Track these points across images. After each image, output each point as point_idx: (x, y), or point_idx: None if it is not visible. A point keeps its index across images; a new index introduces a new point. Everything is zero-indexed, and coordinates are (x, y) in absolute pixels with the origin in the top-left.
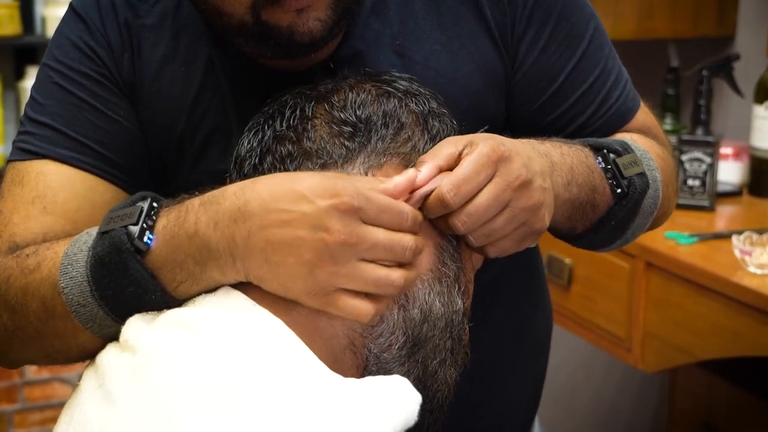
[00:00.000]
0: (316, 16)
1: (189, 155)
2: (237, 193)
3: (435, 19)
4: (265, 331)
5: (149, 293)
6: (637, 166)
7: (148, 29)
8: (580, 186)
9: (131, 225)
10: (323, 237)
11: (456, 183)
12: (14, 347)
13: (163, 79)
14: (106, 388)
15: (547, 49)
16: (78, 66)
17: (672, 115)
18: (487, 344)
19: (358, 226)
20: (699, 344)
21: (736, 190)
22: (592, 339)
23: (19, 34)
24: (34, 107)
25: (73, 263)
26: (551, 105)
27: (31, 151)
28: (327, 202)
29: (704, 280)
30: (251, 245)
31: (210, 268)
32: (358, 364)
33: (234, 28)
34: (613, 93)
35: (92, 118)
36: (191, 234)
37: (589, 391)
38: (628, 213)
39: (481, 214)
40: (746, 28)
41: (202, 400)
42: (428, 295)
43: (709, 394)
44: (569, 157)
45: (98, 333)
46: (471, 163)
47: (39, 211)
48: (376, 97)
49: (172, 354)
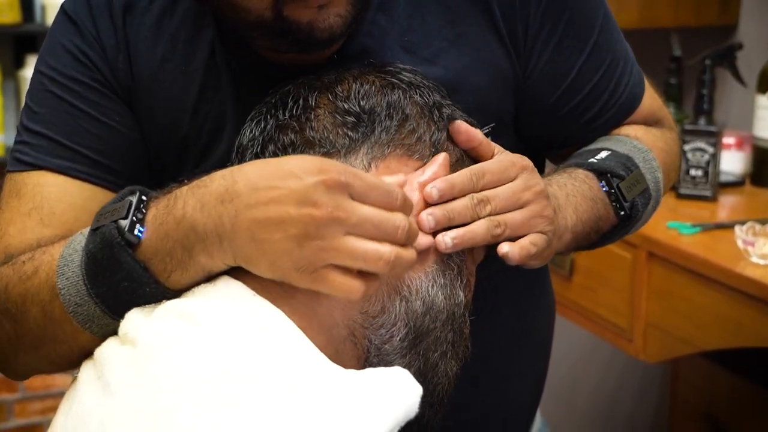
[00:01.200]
0: (337, 12)
1: (193, 155)
2: (225, 176)
3: (443, 15)
4: (264, 321)
5: (143, 286)
6: (640, 183)
7: (146, 28)
8: (584, 222)
9: (121, 219)
10: (310, 212)
11: (481, 168)
12: (19, 357)
13: (163, 80)
14: (105, 380)
15: (560, 45)
16: (70, 72)
17: (674, 104)
18: (490, 340)
19: (346, 200)
20: (701, 335)
21: (738, 180)
22: (593, 329)
23: (19, 23)
24: (29, 115)
25: (68, 264)
26: (565, 99)
27: (27, 162)
28: (315, 178)
29: (706, 270)
30: (238, 224)
31: (197, 252)
32: (359, 355)
33: (251, 24)
34: (623, 80)
35: (87, 126)
36: (179, 218)
37: (590, 382)
38: (630, 227)
39: (500, 202)
40: (749, 17)
41: (201, 393)
42: (431, 287)
43: (711, 385)
44: (574, 198)
45: (97, 333)
46: (496, 160)
47: (36, 223)
48: (380, 88)
49: (171, 346)
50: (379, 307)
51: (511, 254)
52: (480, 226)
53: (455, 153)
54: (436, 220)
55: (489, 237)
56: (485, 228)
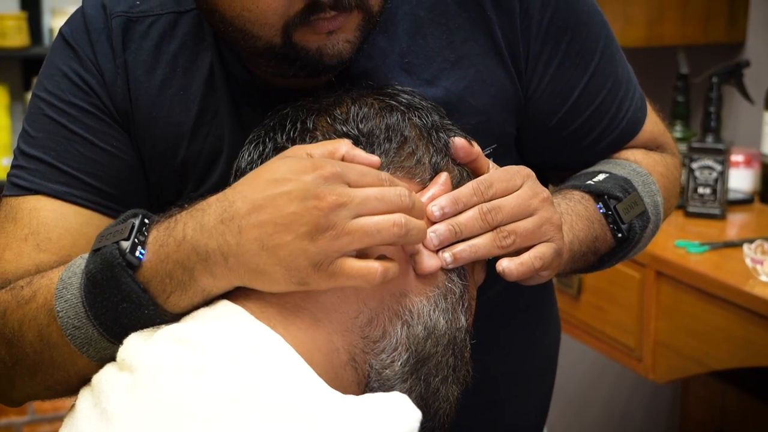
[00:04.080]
0: (345, 38)
1: (192, 179)
2: (219, 198)
3: (444, 36)
4: (263, 347)
5: (142, 308)
6: (638, 206)
7: (145, 53)
8: (581, 241)
9: (123, 240)
10: (316, 204)
11: (488, 178)
12: (15, 383)
13: (161, 105)
14: (102, 407)
15: (561, 67)
16: (68, 97)
17: (682, 122)
18: (495, 362)
19: (346, 188)
20: (710, 354)
21: (747, 197)
22: (602, 349)
23: (27, 46)
24: (26, 140)
25: (67, 286)
26: (565, 121)
27: (24, 186)
28: (311, 175)
29: (715, 289)
30: (244, 239)
31: (198, 273)
32: (360, 380)
33: (260, 50)
34: (624, 105)
35: (84, 151)
36: (179, 240)
37: (599, 401)
38: (629, 250)
39: (511, 209)
40: (756, 34)
41: (199, 418)
42: (433, 311)
43: (721, 403)
44: (569, 216)
45: (94, 357)
46: (502, 170)
47: (32, 248)
48: (378, 111)
49: (169, 371)
50: (380, 332)
51: (507, 270)
52: (484, 238)
53: (455, 174)
54: (439, 237)
55: (495, 249)
56: (490, 240)
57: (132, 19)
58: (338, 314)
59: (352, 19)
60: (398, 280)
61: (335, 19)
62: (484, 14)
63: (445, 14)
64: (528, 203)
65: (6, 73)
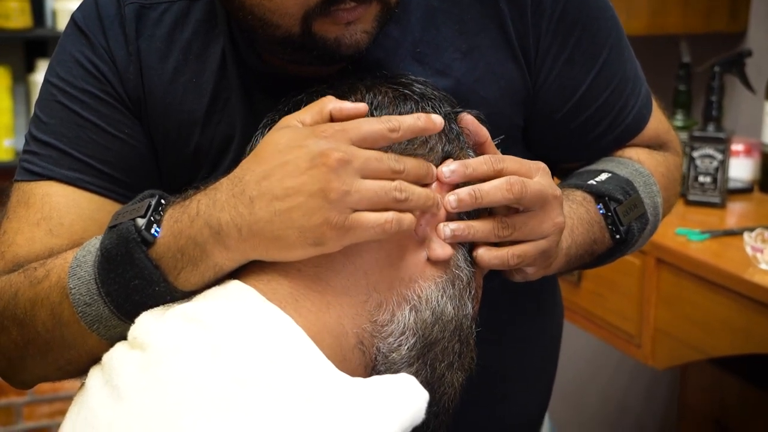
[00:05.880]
0: (363, 29)
1: (204, 165)
2: (230, 177)
3: (457, 27)
4: (273, 328)
5: (153, 285)
6: (638, 208)
7: (158, 40)
8: (579, 245)
9: (139, 218)
10: (323, 161)
11: (499, 156)
12: (26, 364)
13: (174, 92)
14: (113, 384)
15: (570, 61)
16: (80, 83)
17: (683, 111)
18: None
19: (349, 146)
20: (710, 341)
21: (747, 186)
22: (602, 335)
23: (30, 27)
24: (38, 125)
25: (81, 264)
26: (572, 114)
27: (36, 172)
28: (312, 139)
29: (715, 276)
30: (257, 207)
31: (211, 247)
32: (367, 363)
33: (279, 38)
34: (630, 101)
35: (96, 138)
36: (193, 216)
37: (598, 387)
38: (625, 251)
39: (533, 192)
40: (758, 24)
41: (209, 398)
42: (440, 297)
43: (719, 391)
44: (570, 220)
45: (104, 335)
46: (516, 158)
47: (44, 233)
48: (392, 99)
49: (180, 350)
50: (388, 316)
51: (479, 257)
52: (485, 223)
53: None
54: (459, 200)
55: (492, 236)
56: (489, 226)
57: (145, 6)
58: (348, 298)
59: (370, 10)
60: (408, 265)
61: (354, 9)
62: (497, 7)
63: (459, 5)
64: (547, 193)
65: (9, 55)
